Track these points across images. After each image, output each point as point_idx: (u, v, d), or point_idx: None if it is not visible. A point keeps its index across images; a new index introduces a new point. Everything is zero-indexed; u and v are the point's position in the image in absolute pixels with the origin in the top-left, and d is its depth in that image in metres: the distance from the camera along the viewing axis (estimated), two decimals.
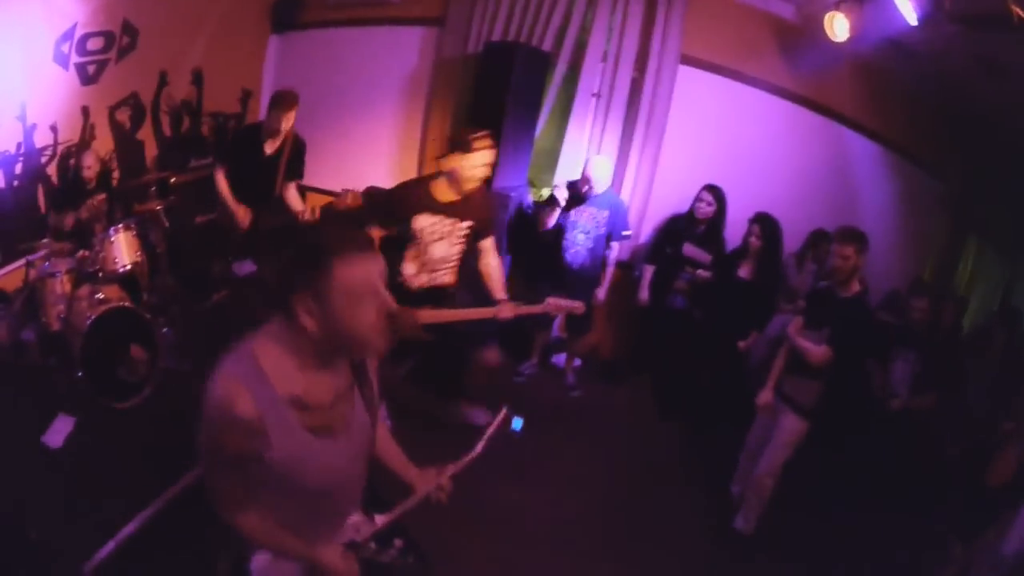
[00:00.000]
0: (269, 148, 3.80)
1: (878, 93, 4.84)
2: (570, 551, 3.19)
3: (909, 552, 3.28)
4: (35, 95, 3.66)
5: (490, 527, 3.21)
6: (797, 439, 3.11)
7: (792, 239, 4.40)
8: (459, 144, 3.01)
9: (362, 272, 1.34)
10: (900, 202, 4.98)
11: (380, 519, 1.87)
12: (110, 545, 1.86)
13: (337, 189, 4.62)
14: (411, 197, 3.11)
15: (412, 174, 5.26)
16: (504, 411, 1.97)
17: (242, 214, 3.85)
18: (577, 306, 3.47)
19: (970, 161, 4.94)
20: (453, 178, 3.02)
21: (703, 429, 4.36)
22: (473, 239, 3.22)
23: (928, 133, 4.90)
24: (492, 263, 3.30)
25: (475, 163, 2.99)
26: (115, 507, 1.88)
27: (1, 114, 3.54)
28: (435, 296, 3.25)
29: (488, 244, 3.28)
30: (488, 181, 3.37)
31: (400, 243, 3.12)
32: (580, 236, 4.37)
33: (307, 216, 3.85)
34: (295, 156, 3.87)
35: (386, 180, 5.29)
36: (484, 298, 3.31)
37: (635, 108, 4.89)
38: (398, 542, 1.99)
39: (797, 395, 3.12)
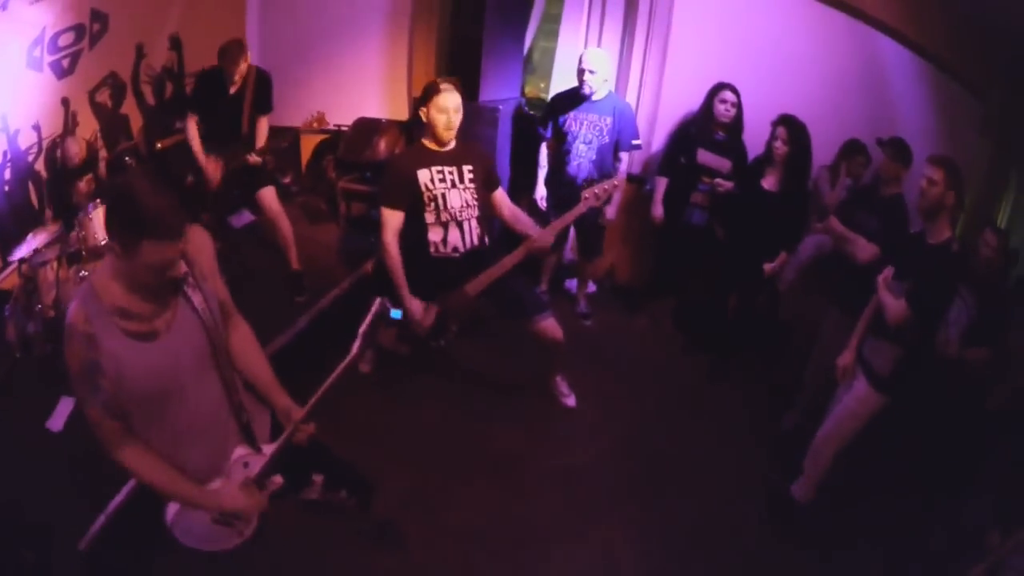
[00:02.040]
0: (232, 88, 3.88)
1: None
2: (576, 504, 2.88)
3: (940, 532, 2.80)
4: (15, 104, 3.76)
5: (488, 476, 2.97)
6: (867, 411, 2.75)
7: (821, 151, 3.84)
8: (424, 94, 3.07)
9: (163, 256, 1.52)
10: (939, 120, 4.40)
11: (267, 449, 1.80)
12: (100, 519, 1.82)
13: (330, 126, 4.54)
14: (406, 159, 3.15)
15: (402, 100, 5.06)
16: (378, 302, 1.84)
17: (211, 169, 3.91)
18: (618, 183, 3.30)
19: (1017, 85, 4.39)
20: (433, 129, 3.05)
21: (728, 361, 3.97)
22: (483, 188, 3.15)
23: (968, 46, 4.28)
24: (511, 208, 3.26)
25: (440, 107, 3.00)
26: (113, 484, 1.83)
27: None
28: (477, 259, 3.16)
29: (501, 194, 3.26)
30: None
31: (417, 219, 3.07)
32: (582, 147, 3.98)
33: (253, 159, 3.90)
34: (260, 90, 3.92)
35: (378, 110, 5.13)
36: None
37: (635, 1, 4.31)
38: (317, 478, 1.96)
39: (874, 359, 2.75)
